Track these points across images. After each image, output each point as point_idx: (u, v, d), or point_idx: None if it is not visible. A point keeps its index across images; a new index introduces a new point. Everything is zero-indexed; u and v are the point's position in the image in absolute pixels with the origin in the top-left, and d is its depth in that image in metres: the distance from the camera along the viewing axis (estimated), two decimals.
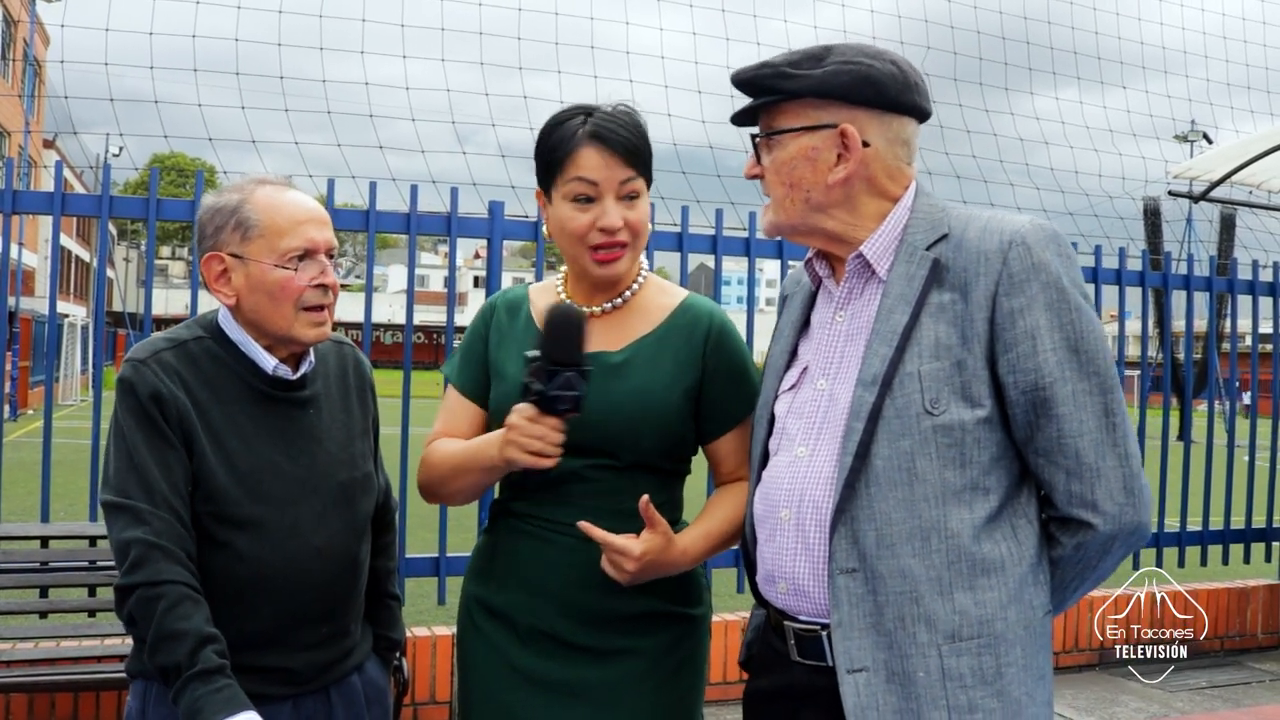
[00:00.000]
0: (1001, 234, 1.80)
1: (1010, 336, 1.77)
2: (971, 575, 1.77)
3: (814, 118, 1.87)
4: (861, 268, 1.91)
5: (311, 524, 2.14)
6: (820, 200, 1.89)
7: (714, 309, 2.26)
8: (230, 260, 2.11)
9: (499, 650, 2.21)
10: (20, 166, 25.23)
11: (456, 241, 5.04)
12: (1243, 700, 5.66)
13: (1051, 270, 1.78)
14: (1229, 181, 7.17)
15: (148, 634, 1.93)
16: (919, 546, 1.77)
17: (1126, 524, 1.79)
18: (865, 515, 1.79)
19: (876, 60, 1.87)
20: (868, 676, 1.77)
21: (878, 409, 1.79)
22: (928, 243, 1.85)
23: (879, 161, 1.89)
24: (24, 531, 4.35)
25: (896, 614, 1.77)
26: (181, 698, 1.87)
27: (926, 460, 1.77)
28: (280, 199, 2.13)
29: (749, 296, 5.48)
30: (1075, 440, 1.76)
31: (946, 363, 1.78)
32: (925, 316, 1.80)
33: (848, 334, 1.92)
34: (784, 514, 1.90)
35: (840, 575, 1.80)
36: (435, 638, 4.82)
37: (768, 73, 1.89)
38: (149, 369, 2.06)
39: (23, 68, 33.28)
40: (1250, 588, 6.55)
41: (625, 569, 2.03)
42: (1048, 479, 1.81)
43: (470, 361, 2.31)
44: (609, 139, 2.09)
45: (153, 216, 4.53)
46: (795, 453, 1.91)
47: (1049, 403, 1.76)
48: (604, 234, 2.11)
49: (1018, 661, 1.79)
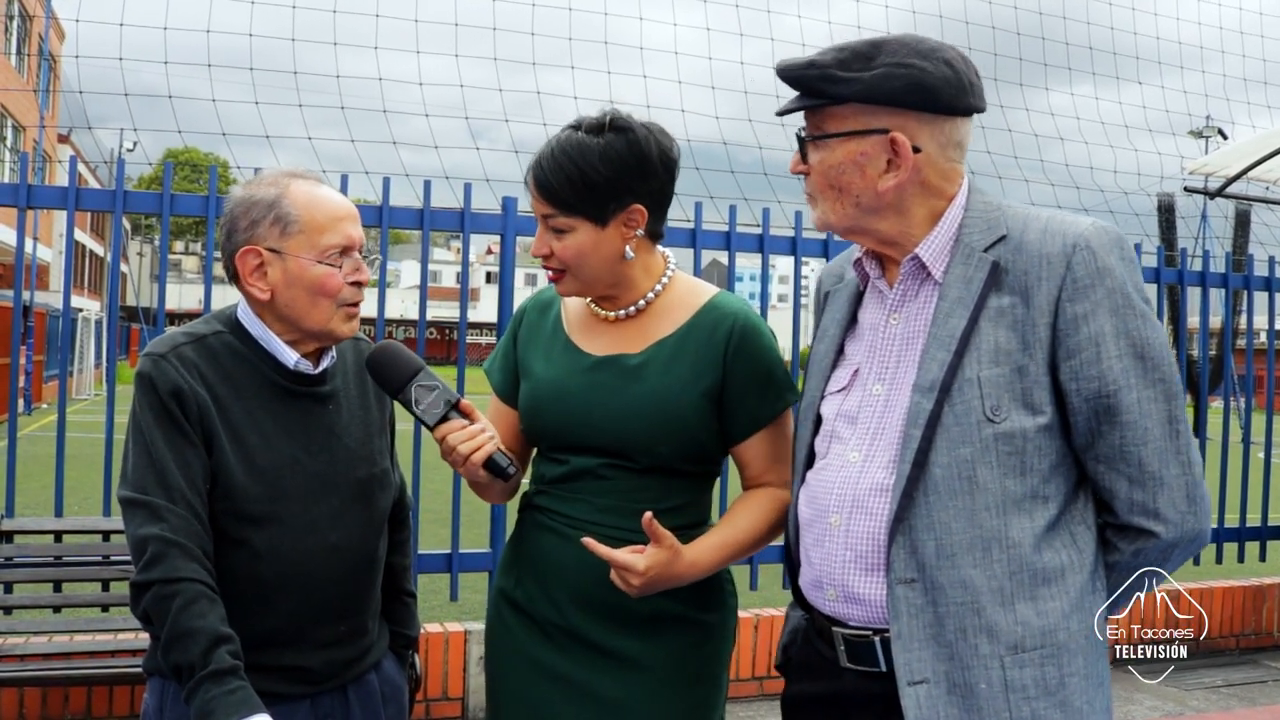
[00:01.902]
0: (1065, 237, 1.75)
1: (1074, 342, 1.73)
2: (1033, 585, 1.75)
3: (863, 123, 1.81)
4: (917, 269, 1.87)
5: (330, 521, 2.13)
6: (871, 204, 1.84)
7: (741, 308, 2.24)
8: (268, 255, 2.09)
9: (522, 645, 2.22)
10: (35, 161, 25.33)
11: (470, 237, 5.04)
12: (1258, 699, 5.63)
13: (1116, 275, 1.74)
14: (1245, 177, 7.14)
15: (162, 631, 1.92)
16: (980, 557, 1.74)
17: (1188, 532, 1.77)
18: (924, 525, 1.76)
19: (928, 62, 1.79)
20: (929, 688, 1.74)
21: (936, 416, 1.75)
22: (985, 244, 1.81)
23: (931, 166, 1.83)
24: (38, 526, 4.36)
25: (957, 625, 1.74)
26: (194, 698, 1.87)
27: (987, 469, 1.74)
28: (318, 194, 2.12)
29: (762, 293, 5.46)
30: (1139, 448, 1.74)
31: (1007, 368, 1.74)
32: (984, 320, 1.77)
33: (904, 338, 1.87)
34: (834, 519, 1.86)
35: (899, 586, 1.77)
36: (448, 634, 4.82)
37: (814, 74, 1.81)
38: (169, 364, 2.05)
39: (38, 63, 33.40)
40: (1265, 586, 6.52)
41: (631, 584, 2.04)
42: (1108, 486, 1.78)
43: (503, 364, 2.36)
44: (536, 177, 2.15)
45: (166, 211, 4.54)
46: (847, 457, 1.87)
47: (1113, 410, 1.73)
48: (540, 257, 2.20)
49: (1080, 671, 1.76)
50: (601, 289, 2.21)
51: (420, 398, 2.05)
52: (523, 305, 2.39)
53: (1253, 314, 6.48)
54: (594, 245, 2.14)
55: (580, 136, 2.13)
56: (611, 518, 2.15)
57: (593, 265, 2.15)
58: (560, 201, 2.12)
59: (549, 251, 2.16)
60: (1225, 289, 6.66)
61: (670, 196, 2.22)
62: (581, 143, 2.12)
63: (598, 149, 2.11)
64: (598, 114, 2.16)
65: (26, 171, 4.52)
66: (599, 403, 2.16)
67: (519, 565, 2.27)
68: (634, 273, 2.21)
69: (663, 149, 2.16)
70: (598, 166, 2.10)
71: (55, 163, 31.40)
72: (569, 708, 2.16)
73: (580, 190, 2.10)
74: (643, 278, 2.23)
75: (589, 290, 2.22)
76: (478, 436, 2.05)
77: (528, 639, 2.21)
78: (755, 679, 5.31)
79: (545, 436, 2.24)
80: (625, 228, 2.15)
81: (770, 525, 2.20)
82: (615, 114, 2.15)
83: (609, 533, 2.10)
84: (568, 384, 2.20)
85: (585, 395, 2.17)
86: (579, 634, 2.16)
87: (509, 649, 2.25)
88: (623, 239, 2.16)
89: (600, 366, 2.19)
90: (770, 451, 2.22)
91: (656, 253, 2.27)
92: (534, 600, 2.22)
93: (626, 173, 2.12)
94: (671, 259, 2.31)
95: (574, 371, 2.20)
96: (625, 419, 2.14)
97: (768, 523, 2.19)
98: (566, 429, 2.19)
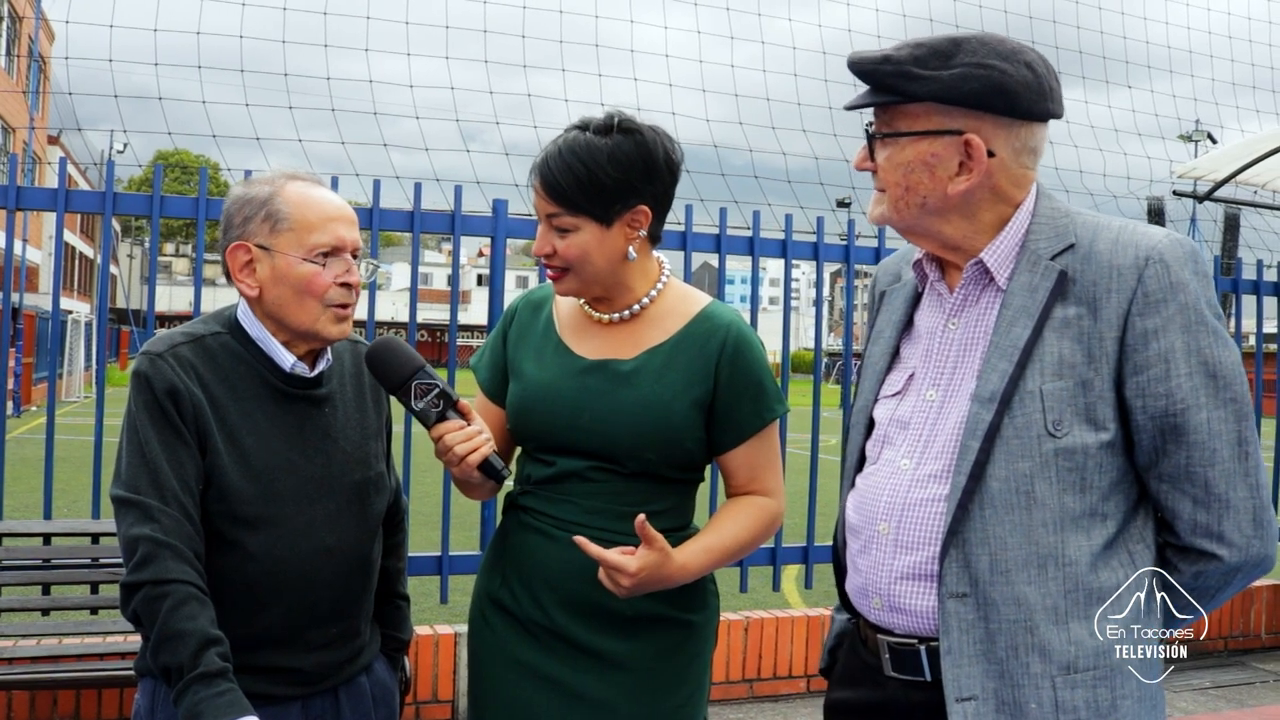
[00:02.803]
0: (1137, 249, 1.70)
1: (1142, 358, 1.68)
2: (1088, 605, 1.70)
3: (937, 123, 1.74)
4: (980, 274, 1.82)
5: (325, 523, 2.13)
6: (938, 206, 1.78)
7: (733, 320, 2.25)
8: (256, 251, 2.10)
9: (506, 645, 2.22)
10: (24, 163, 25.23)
11: (460, 239, 5.04)
12: (1246, 700, 5.65)
13: (1190, 291, 1.69)
14: (1233, 181, 7.17)
15: (152, 632, 1.92)
16: (1035, 574, 1.69)
17: (1253, 556, 1.72)
18: (978, 539, 1.71)
19: (1010, 64, 1.72)
20: (977, 705, 1.71)
21: (995, 428, 1.70)
22: (1053, 252, 1.75)
23: (1004, 171, 1.77)
24: (27, 528, 4.34)
25: (1009, 643, 1.70)
26: (182, 700, 1.86)
27: (1046, 484, 1.69)
28: (311, 194, 2.13)
29: (752, 295, 5.48)
30: (1205, 469, 1.69)
31: (1070, 382, 1.69)
32: (1049, 331, 1.71)
33: (962, 344, 1.82)
34: (882, 527, 1.82)
35: (950, 600, 1.73)
36: (438, 636, 4.82)
37: (889, 69, 1.73)
38: (165, 363, 2.04)
39: (27, 64, 33.30)
40: (1253, 588, 6.52)
41: (621, 584, 2.04)
42: (1171, 506, 1.73)
43: (491, 361, 2.36)
44: (543, 176, 2.15)
45: (156, 213, 4.53)
46: (898, 464, 1.83)
47: (1180, 429, 1.68)
48: (542, 256, 2.20)
49: (1133, 694, 1.72)
50: (600, 290, 2.22)
51: (419, 395, 2.05)
52: (514, 303, 2.40)
53: (1240, 317, 6.50)
54: (598, 245, 2.15)
55: (588, 137, 2.14)
56: (598, 520, 2.16)
57: (595, 265, 2.16)
58: (567, 201, 2.13)
59: (552, 250, 2.17)
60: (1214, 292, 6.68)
61: (672, 199, 2.24)
62: (590, 143, 2.13)
63: (606, 150, 2.12)
64: (604, 115, 2.17)
65: (16, 173, 4.51)
66: (589, 406, 2.17)
67: (503, 565, 2.27)
68: (632, 276, 2.22)
69: (667, 151, 2.19)
70: (606, 167, 2.11)
71: (45, 164, 31.32)
72: (553, 708, 2.16)
73: (588, 190, 2.12)
74: (639, 281, 2.24)
75: (587, 290, 2.22)
76: (475, 438, 2.06)
77: (512, 639, 2.22)
78: (745, 681, 5.31)
79: (533, 437, 2.24)
80: (629, 228, 2.17)
81: (754, 534, 2.22)
82: (622, 115, 2.17)
83: (595, 534, 2.11)
84: (558, 386, 2.20)
85: (575, 398, 2.18)
86: (563, 634, 2.17)
87: (492, 649, 2.25)
88: (626, 240, 2.17)
89: (592, 370, 2.20)
90: (757, 461, 2.23)
91: (653, 257, 2.29)
92: (518, 600, 2.22)
93: (634, 174, 2.13)
94: (666, 265, 2.32)
95: (565, 374, 2.21)
96: (615, 424, 2.15)
97: (751, 532, 2.21)
98: (555, 431, 2.19)
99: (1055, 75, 1.79)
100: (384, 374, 2.10)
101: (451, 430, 2.05)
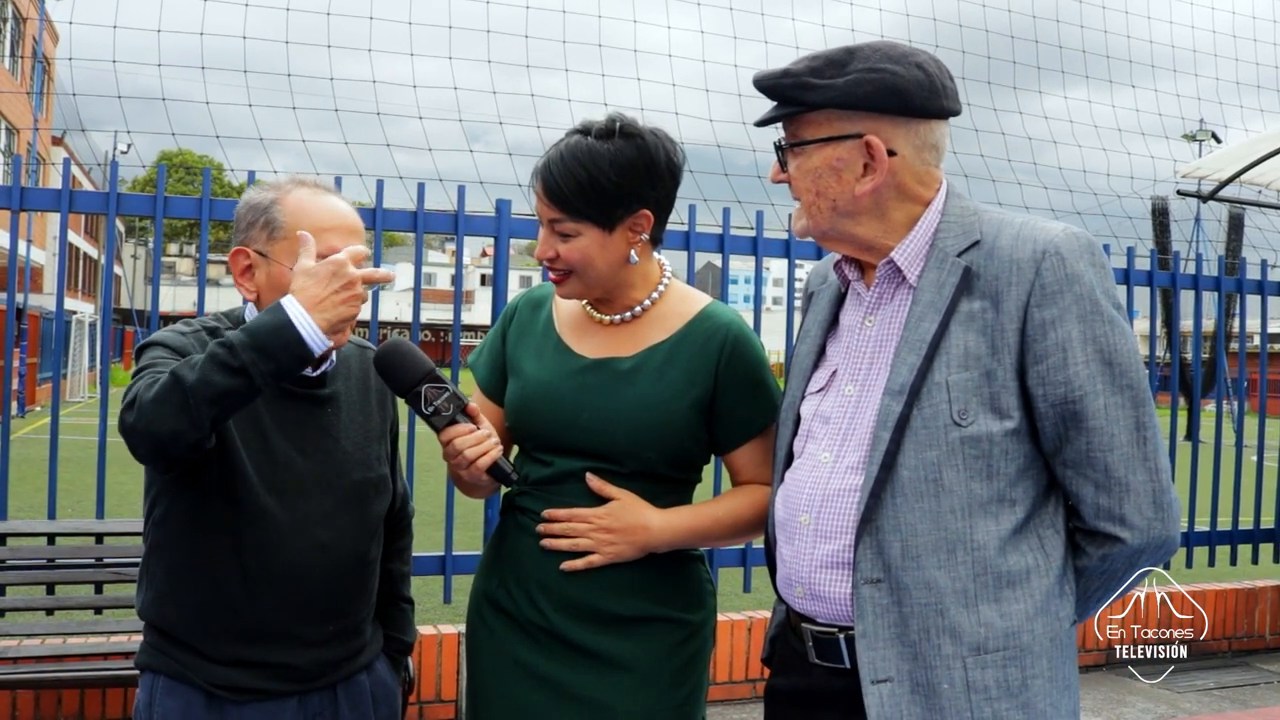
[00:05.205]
0: (1035, 243, 1.76)
1: (1041, 348, 1.74)
2: (997, 588, 1.76)
3: (838, 128, 1.82)
4: (892, 273, 1.88)
5: (321, 520, 2.15)
6: (848, 208, 1.85)
7: (733, 320, 2.26)
8: (255, 257, 2.14)
9: (504, 645, 2.22)
10: (29, 163, 25.28)
11: (464, 240, 5.04)
12: (1250, 701, 5.64)
13: (1085, 282, 1.75)
14: (1238, 181, 7.15)
15: (177, 394, 1.83)
16: (944, 559, 1.75)
17: (1154, 538, 1.77)
18: (890, 526, 1.77)
19: (901, 66, 1.80)
20: (892, 687, 1.76)
21: (905, 419, 1.76)
22: (959, 249, 1.82)
23: (907, 169, 1.85)
24: (31, 528, 4.36)
25: (921, 625, 1.76)
26: (237, 352, 1.83)
27: (953, 471, 1.75)
28: (311, 203, 2.14)
29: (755, 295, 5.47)
30: (1105, 454, 1.74)
31: (975, 373, 1.75)
32: (955, 325, 1.77)
33: (877, 340, 1.89)
34: (803, 519, 1.89)
35: (865, 585, 1.79)
36: (441, 636, 4.82)
37: (789, 82, 1.83)
38: (181, 336, 2.09)
39: (31, 65, 33.33)
40: (1258, 588, 6.53)
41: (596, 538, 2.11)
42: (1075, 491, 1.79)
43: (490, 360, 2.36)
44: (544, 182, 2.15)
45: (160, 214, 4.53)
46: (819, 458, 1.89)
47: (1080, 416, 1.74)
48: (545, 260, 2.20)
49: (1044, 673, 1.77)
50: (601, 292, 2.22)
51: (430, 399, 2.04)
52: (514, 301, 2.40)
53: (1245, 317, 6.49)
54: (600, 249, 2.15)
55: (590, 142, 2.13)
56: None
57: (598, 269, 2.16)
58: (569, 206, 2.12)
59: (555, 255, 2.17)
60: (1218, 292, 6.67)
61: (674, 202, 2.24)
62: (591, 148, 2.12)
63: (608, 154, 2.11)
64: (605, 119, 2.16)
65: (20, 174, 4.51)
66: (588, 405, 2.17)
67: (501, 566, 2.27)
68: (633, 278, 2.23)
69: (669, 155, 2.18)
70: (608, 172, 2.10)
71: (49, 165, 31.34)
72: (551, 708, 2.16)
73: (590, 196, 2.11)
74: (641, 283, 2.24)
75: (590, 293, 2.22)
76: (484, 442, 2.06)
77: (509, 639, 2.22)
78: (749, 681, 5.30)
79: (532, 437, 2.24)
80: (631, 233, 2.17)
81: (752, 511, 2.23)
82: (623, 119, 2.16)
83: None
84: (558, 385, 2.20)
85: (575, 397, 2.18)
86: (560, 634, 2.17)
87: (491, 649, 2.25)
88: (628, 244, 2.17)
89: (592, 369, 2.20)
90: (761, 458, 2.24)
91: (654, 259, 2.29)
92: (515, 601, 2.22)
93: (635, 178, 2.13)
94: (668, 266, 2.32)
95: (565, 373, 2.21)
96: (614, 422, 2.15)
97: (750, 508, 2.23)
98: (554, 430, 2.19)
99: (949, 74, 1.87)
100: (393, 377, 2.09)
101: (461, 434, 2.05)
